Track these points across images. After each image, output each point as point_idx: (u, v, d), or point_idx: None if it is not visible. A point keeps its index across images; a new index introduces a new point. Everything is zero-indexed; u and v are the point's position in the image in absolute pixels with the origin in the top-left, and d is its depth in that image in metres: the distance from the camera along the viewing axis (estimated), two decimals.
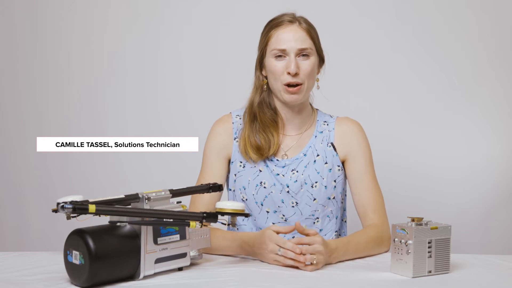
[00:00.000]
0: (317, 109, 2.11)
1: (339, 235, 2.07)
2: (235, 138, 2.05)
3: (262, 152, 2.00)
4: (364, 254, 1.87)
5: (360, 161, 2.03)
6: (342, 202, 2.06)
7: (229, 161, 2.06)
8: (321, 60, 2.04)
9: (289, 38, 1.95)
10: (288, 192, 2.00)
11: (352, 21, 3.01)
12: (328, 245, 1.75)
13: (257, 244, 1.77)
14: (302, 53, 1.95)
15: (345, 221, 2.11)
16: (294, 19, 1.99)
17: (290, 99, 1.96)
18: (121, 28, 3.17)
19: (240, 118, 2.07)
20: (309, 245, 1.71)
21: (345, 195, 2.09)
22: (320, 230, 2.02)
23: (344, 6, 3.02)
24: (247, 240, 1.82)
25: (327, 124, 2.06)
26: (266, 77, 2.02)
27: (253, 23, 2.20)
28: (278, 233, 1.76)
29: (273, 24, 2.00)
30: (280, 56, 1.96)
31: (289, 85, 1.95)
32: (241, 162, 2.04)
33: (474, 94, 2.97)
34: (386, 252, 1.93)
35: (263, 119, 2.01)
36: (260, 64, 2.03)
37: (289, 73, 1.93)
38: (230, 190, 2.07)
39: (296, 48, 1.94)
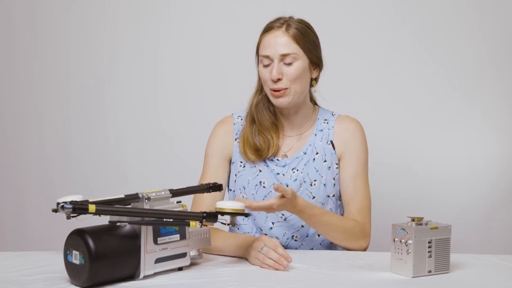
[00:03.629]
0: (319, 106, 2.11)
1: None
2: (236, 139, 2.05)
3: (261, 153, 2.01)
4: (329, 235, 1.91)
5: (353, 161, 2.03)
6: (340, 200, 2.07)
7: (230, 162, 2.06)
8: (315, 64, 2.02)
9: (273, 44, 1.95)
10: None
11: (352, 21, 3.01)
12: (296, 205, 1.80)
13: (251, 243, 1.78)
14: (285, 59, 1.95)
15: None
16: (282, 24, 1.97)
17: (277, 103, 1.97)
18: (121, 28, 3.17)
19: (241, 119, 2.07)
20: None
21: None
22: None
23: (344, 6, 3.02)
24: (247, 240, 1.82)
25: (327, 123, 2.07)
26: None
27: (253, 23, 2.19)
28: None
29: (265, 29, 2.01)
30: (266, 62, 1.96)
31: (274, 90, 1.96)
32: (241, 162, 2.04)
33: (474, 94, 2.97)
34: (361, 249, 1.95)
35: (261, 122, 2.02)
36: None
37: (272, 79, 1.94)
38: (231, 190, 2.08)
39: (278, 53, 1.94)
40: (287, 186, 2.00)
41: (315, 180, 2.01)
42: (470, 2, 2.96)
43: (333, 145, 2.04)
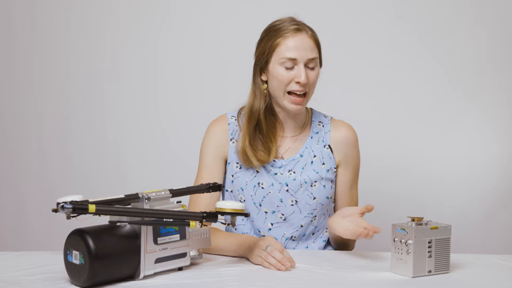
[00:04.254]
0: (311, 108, 2.11)
1: None
2: (231, 139, 2.05)
3: (263, 159, 2.00)
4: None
5: (349, 172, 2.07)
6: (334, 202, 2.10)
7: (225, 161, 2.06)
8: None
9: (299, 47, 1.94)
10: (287, 190, 2.00)
11: (352, 20, 3.01)
12: None
13: (255, 242, 1.78)
14: (310, 63, 1.95)
15: None
16: (300, 26, 1.97)
17: (294, 108, 1.96)
18: (121, 28, 3.17)
19: (235, 119, 2.06)
20: None
21: None
22: (315, 226, 2.04)
23: (344, 5, 3.02)
24: (249, 239, 1.82)
25: (323, 126, 2.07)
26: (266, 81, 2.01)
27: (253, 23, 2.20)
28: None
29: (279, 31, 1.96)
30: (289, 64, 1.94)
31: (293, 92, 1.94)
32: (237, 163, 2.04)
33: (474, 94, 2.97)
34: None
35: (265, 126, 2.00)
36: (261, 69, 2.00)
37: (298, 82, 1.93)
38: (227, 191, 2.07)
39: (306, 58, 1.93)
40: (287, 185, 2.01)
41: (315, 181, 2.01)
42: (471, 2, 2.96)
43: (331, 150, 2.04)
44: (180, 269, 1.68)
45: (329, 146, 2.04)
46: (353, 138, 2.07)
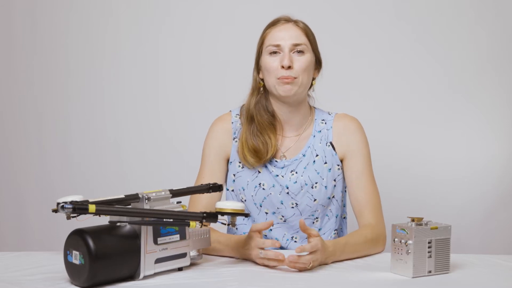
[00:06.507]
0: (314, 107, 2.11)
1: (338, 234, 2.07)
2: (234, 138, 2.05)
3: (260, 156, 1.99)
4: (360, 254, 1.87)
5: (358, 159, 2.02)
6: (342, 200, 2.07)
7: (227, 161, 2.05)
8: (318, 62, 2.04)
9: (284, 35, 1.97)
10: (287, 193, 2.00)
11: (352, 20, 3.01)
12: (326, 248, 1.74)
13: (246, 247, 1.78)
14: (296, 49, 1.96)
15: (345, 218, 2.11)
16: (290, 19, 2.01)
17: (283, 90, 1.94)
18: (121, 28, 3.17)
19: (239, 118, 2.06)
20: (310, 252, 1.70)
21: (345, 191, 2.08)
22: (319, 229, 2.02)
23: (344, 5, 3.02)
24: (239, 244, 1.82)
25: (325, 123, 2.06)
26: (262, 79, 2.02)
27: (253, 23, 2.20)
28: (260, 231, 1.76)
29: (269, 24, 2.02)
30: (274, 52, 1.96)
31: (282, 77, 1.95)
32: (239, 162, 2.03)
33: (474, 94, 2.97)
34: (381, 251, 1.93)
35: (260, 121, 2.00)
36: (257, 66, 2.03)
37: (282, 67, 1.93)
38: (228, 190, 2.07)
39: (290, 43, 1.95)
40: (287, 188, 2.00)
41: (316, 183, 2.00)
42: (471, 2, 2.96)
43: (333, 146, 2.03)
44: (180, 269, 1.68)
45: (330, 143, 2.04)
46: (354, 127, 2.04)
